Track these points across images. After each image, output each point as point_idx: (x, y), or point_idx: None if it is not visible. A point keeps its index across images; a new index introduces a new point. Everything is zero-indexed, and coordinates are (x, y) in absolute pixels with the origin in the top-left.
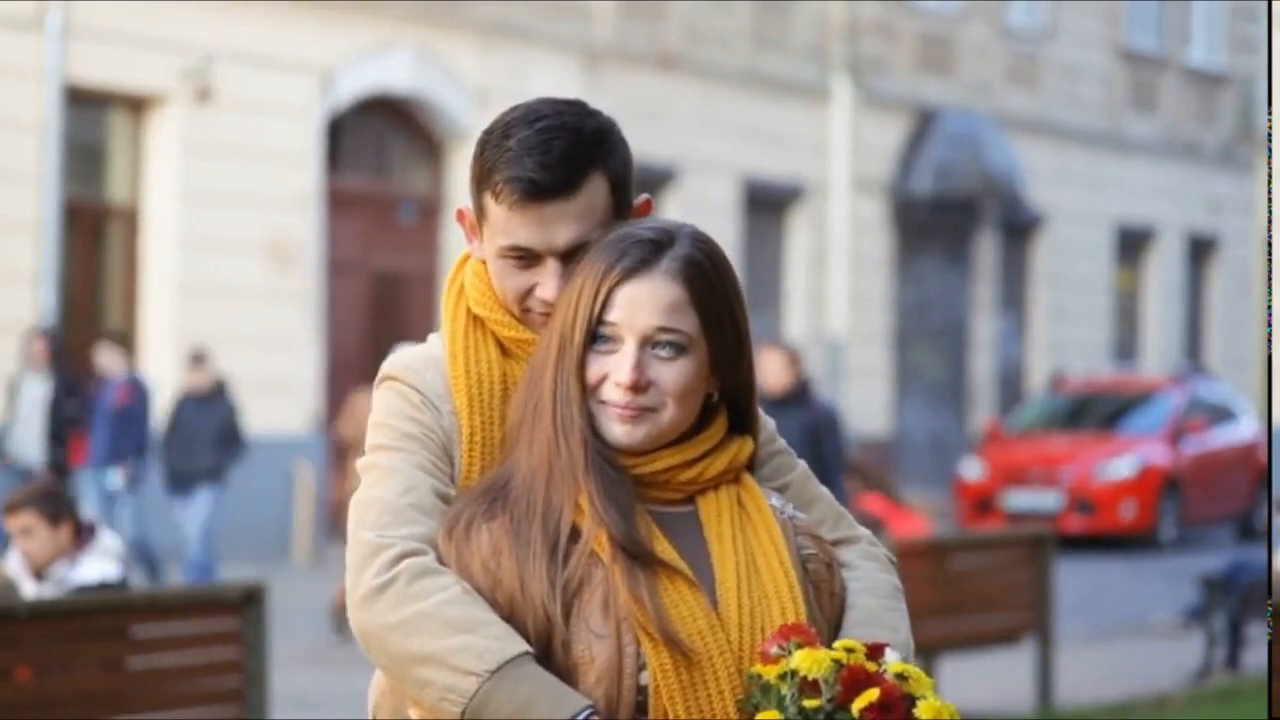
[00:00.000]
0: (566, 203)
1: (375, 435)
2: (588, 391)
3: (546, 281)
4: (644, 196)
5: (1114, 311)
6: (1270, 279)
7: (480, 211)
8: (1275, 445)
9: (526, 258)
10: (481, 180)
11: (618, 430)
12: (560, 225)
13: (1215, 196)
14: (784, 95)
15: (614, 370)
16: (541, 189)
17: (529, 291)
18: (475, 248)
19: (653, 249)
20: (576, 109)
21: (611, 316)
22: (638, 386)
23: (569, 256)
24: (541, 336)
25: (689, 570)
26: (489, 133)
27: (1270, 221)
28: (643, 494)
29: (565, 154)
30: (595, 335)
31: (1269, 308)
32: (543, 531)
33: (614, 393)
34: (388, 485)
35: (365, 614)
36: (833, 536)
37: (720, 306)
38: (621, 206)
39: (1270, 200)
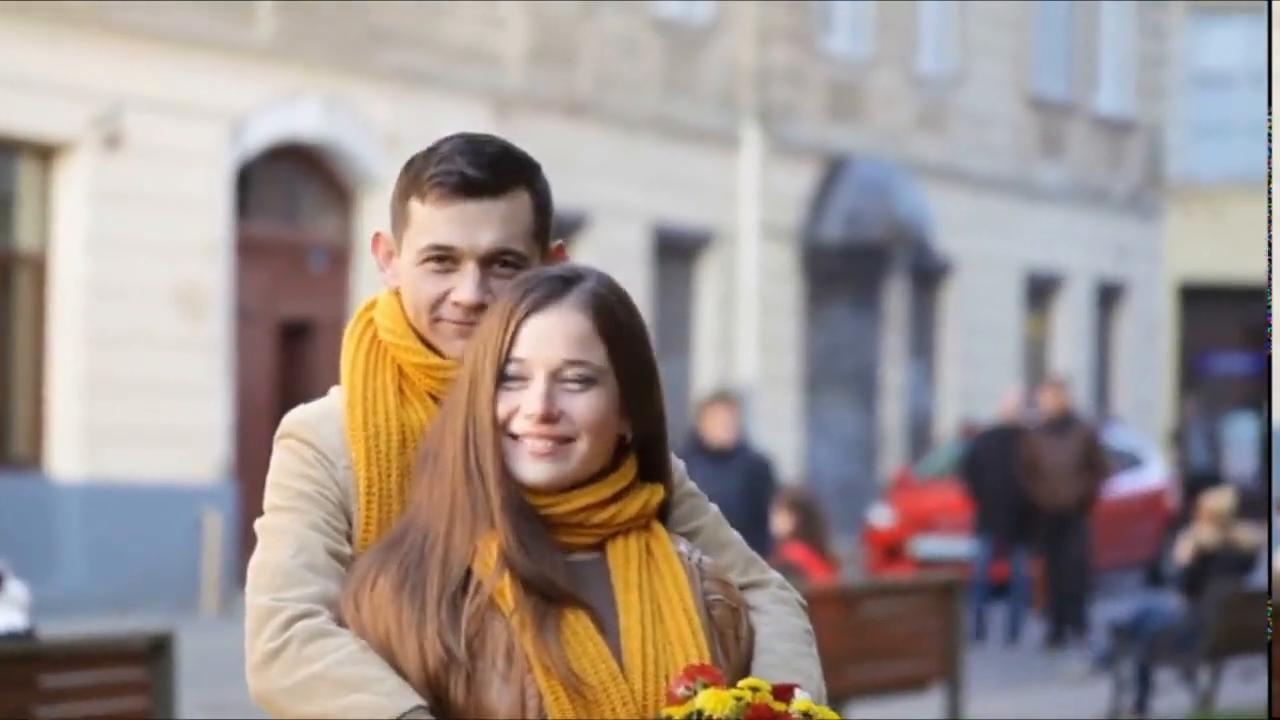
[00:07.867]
0: (493, 203)
1: (270, 496)
2: (499, 429)
3: (463, 284)
4: (558, 242)
5: (1023, 358)
6: (1269, 280)
7: (404, 221)
8: (1275, 445)
9: (446, 259)
10: (408, 187)
11: (531, 468)
12: (484, 225)
13: (1123, 243)
14: (694, 142)
15: (524, 403)
16: (471, 183)
17: (443, 298)
18: (388, 277)
19: (561, 284)
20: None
21: (519, 352)
22: (549, 417)
23: (488, 263)
24: (451, 385)
25: (593, 620)
26: (418, 154)
27: (1269, 222)
28: (554, 538)
29: (497, 157)
30: (504, 373)
31: (1268, 307)
32: (441, 575)
33: (524, 425)
34: (280, 547)
35: (261, 679)
36: (743, 580)
37: (628, 340)
38: (543, 235)
39: (1269, 200)
